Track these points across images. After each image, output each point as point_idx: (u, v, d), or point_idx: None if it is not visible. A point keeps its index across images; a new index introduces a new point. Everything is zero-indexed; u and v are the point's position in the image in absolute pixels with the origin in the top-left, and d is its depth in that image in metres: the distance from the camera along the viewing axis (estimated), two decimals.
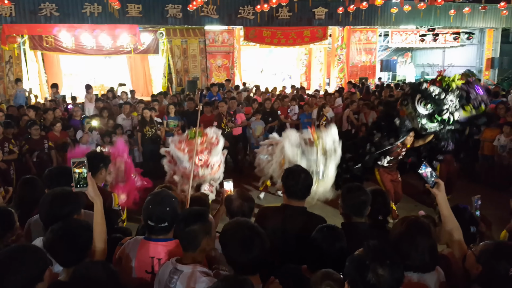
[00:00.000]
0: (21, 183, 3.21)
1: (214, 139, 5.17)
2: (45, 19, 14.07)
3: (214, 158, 5.15)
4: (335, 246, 2.26)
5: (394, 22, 17.08)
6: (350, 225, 2.64)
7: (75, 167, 2.19)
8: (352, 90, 12.07)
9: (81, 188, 2.22)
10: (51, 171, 2.96)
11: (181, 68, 16.33)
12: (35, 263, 1.78)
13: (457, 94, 4.67)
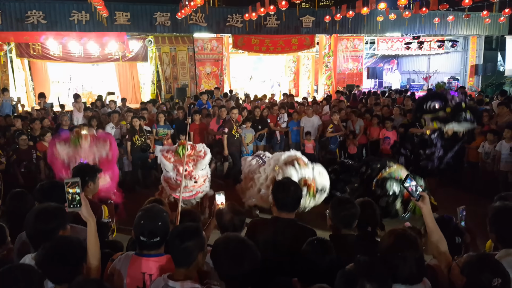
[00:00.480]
0: (10, 197, 3.18)
1: (202, 152, 5.20)
2: (32, 27, 13.98)
3: (199, 172, 5.19)
4: (325, 258, 2.29)
5: (380, 30, 17.37)
6: (338, 237, 2.68)
7: (68, 187, 2.20)
8: (341, 98, 12.21)
9: (75, 208, 2.23)
10: (42, 186, 2.94)
11: (170, 75, 16.33)
12: (30, 284, 1.78)
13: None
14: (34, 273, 1.84)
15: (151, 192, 7.07)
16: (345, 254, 2.39)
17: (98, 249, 2.28)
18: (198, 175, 5.20)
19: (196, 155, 5.21)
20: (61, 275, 1.99)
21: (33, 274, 1.83)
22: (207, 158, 5.29)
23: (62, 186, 2.24)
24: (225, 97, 12.58)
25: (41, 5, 14.01)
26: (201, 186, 5.33)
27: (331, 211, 2.76)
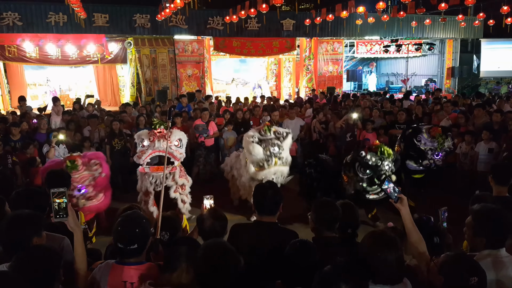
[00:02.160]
0: None
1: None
2: (8, 29, 13.63)
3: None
4: (308, 260, 2.29)
5: (359, 33, 17.63)
6: (321, 240, 2.70)
7: (55, 197, 2.16)
8: (324, 101, 12.31)
9: (61, 218, 2.20)
10: (18, 193, 2.85)
11: (150, 77, 16.15)
12: None
13: (392, 159, 5.13)
14: (18, 281, 1.78)
15: (131, 197, 6.99)
16: (328, 257, 2.41)
17: (85, 257, 2.27)
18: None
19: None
20: (37, 285, 1.93)
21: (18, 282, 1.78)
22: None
23: (38, 194, 2.19)
24: (207, 100, 12.52)
25: (17, 6, 13.67)
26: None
27: (314, 214, 2.77)
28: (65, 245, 2.51)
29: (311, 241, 2.55)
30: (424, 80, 20.98)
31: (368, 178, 5.06)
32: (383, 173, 5.03)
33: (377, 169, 5.03)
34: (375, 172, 5.03)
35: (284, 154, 5.70)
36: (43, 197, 2.73)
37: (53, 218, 2.19)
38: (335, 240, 2.74)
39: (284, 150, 5.68)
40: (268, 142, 5.61)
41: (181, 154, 5.24)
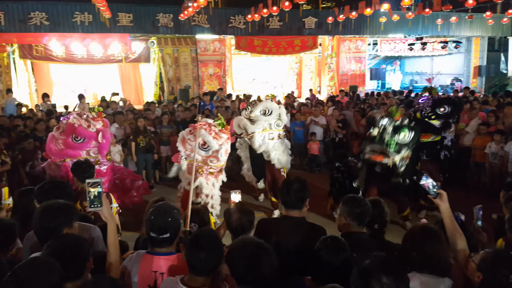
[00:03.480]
0: (19, 194, 3.16)
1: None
2: (35, 28, 13.99)
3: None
4: (340, 257, 2.26)
5: (383, 31, 17.34)
6: (351, 235, 2.66)
7: (90, 187, 2.19)
8: (345, 100, 12.18)
9: (95, 208, 2.23)
10: (43, 186, 2.89)
11: (172, 76, 16.33)
12: (53, 276, 1.77)
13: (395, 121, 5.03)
14: (55, 265, 1.81)
15: (156, 192, 7.09)
16: (359, 252, 2.37)
17: (117, 246, 2.29)
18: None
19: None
20: (66, 272, 1.95)
21: (54, 266, 1.80)
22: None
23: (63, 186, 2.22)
24: (228, 98, 12.58)
25: (44, 6, 14.02)
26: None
27: (345, 208, 2.74)
28: (96, 235, 2.55)
29: (341, 237, 2.51)
30: (449, 79, 20.50)
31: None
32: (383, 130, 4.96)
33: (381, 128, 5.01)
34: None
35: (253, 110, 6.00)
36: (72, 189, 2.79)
37: (87, 208, 2.22)
38: (364, 235, 2.71)
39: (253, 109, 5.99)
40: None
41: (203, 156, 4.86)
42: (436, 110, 5.93)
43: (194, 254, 1.99)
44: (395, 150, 4.90)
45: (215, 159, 4.73)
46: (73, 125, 5.07)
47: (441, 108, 5.91)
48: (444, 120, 5.93)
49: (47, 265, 1.79)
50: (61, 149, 5.08)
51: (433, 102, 6.04)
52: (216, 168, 4.80)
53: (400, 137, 4.88)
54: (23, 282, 1.69)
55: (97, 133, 5.15)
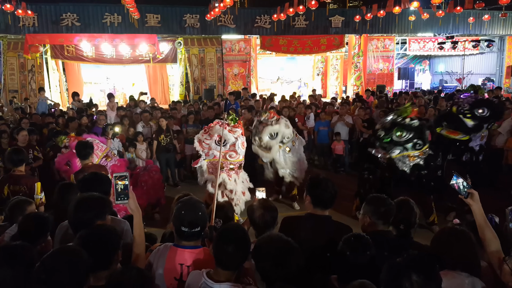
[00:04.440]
0: (59, 188, 3.29)
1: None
2: (67, 29, 14.46)
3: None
4: (364, 255, 2.25)
5: (412, 30, 16.99)
6: (377, 234, 2.61)
7: (117, 180, 2.24)
8: (371, 99, 11.99)
9: (122, 201, 2.28)
10: (85, 177, 3.00)
11: (198, 76, 16.51)
12: (80, 265, 1.82)
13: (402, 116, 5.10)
14: (84, 254, 1.86)
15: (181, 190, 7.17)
16: (385, 251, 2.33)
17: (143, 239, 2.35)
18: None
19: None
20: (95, 262, 1.99)
21: (83, 255, 1.85)
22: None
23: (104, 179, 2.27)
24: (253, 98, 12.59)
25: (75, 7, 14.48)
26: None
27: (370, 207, 2.69)
28: (125, 229, 2.61)
29: (365, 235, 2.48)
30: (481, 79, 19.84)
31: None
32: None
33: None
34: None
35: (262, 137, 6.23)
36: (109, 182, 2.87)
37: (115, 200, 2.27)
38: (390, 234, 2.66)
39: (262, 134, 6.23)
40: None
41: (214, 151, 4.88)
42: (474, 111, 5.60)
43: (222, 248, 2.01)
44: (386, 147, 5.08)
45: (233, 152, 4.77)
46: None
47: (479, 110, 5.57)
48: (478, 122, 5.59)
49: (74, 254, 1.84)
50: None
51: (474, 101, 5.72)
52: (236, 163, 4.82)
53: (396, 135, 4.98)
54: (51, 270, 1.74)
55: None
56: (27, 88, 15.07)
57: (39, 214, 2.85)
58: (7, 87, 14.88)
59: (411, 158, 5.12)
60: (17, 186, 4.04)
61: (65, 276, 1.74)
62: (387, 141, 5.09)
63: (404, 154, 5.11)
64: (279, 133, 6.27)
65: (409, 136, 5.01)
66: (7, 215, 3.10)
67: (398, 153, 5.11)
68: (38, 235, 2.62)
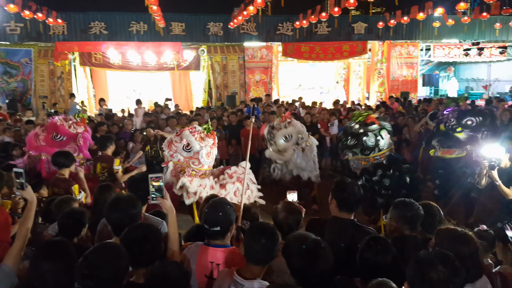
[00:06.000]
0: (99, 189, 3.49)
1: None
2: (95, 37, 14.91)
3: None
4: (384, 257, 2.27)
5: (437, 36, 16.74)
6: (403, 239, 2.62)
7: (152, 181, 2.36)
8: (395, 106, 11.88)
9: (157, 200, 2.39)
10: (134, 177, 3.15)
11: (220, 83, 16.71)
12: (120, 261, 1.92)
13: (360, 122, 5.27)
14: (122, 251, 1.96)
15: None
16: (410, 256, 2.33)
17: (177, 237, 2.45)
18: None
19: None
20: (142, 259, 2.09)
21: (121, 252, 1.95)
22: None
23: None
24: (275, 104, 12.67)
25: (103, 16, 14.94)
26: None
27: (396, 212, 2.70)
28: (162, 228, 2.73)
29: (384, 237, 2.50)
30: (508, 87, 19.33)
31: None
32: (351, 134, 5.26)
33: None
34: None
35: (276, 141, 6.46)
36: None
37: (150, 200, 2.38)
38: (416, 239, 2.66)
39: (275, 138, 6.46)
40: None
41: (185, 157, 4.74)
42: (462, 122, 5.45)
43: (253, 243, 2.08)
44: (341, 150, 5.42)
45: (196, 160, 4.64)
46: (56, 123, 5.41)
47: (468, 121, 5.41)
48: (471, 134, 5.41)
49: (115, 251, 1.95)
50: (41, 145, 5.34)
51: (458, 113, 5.57)
52: (198, 171, 4.69)
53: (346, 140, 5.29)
54: (94, 266, 1.84)
55: (76, 135, 5.43)
56: (56, 94, 15.60)
57: (75, 210, 3.01)
58: (38, 93, 15.43)
59: (362, 161, 5.26)
60: (56, 188, 4.27)
61: (106, 271, 1.84)
62: (343, 144, 5.35)
63: (356, 158, 5.28)
64: (293, 135, 6.45)
65: (353, 142, 5.19)
66: (53, 212, 3.27)
67: (351, 156, 5.30)
68: (75, 229, 2.76)
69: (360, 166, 5.31)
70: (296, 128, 6.55)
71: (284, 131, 6.46)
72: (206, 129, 4.73)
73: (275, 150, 6.56)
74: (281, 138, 6.41)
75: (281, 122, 6.65)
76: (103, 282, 1.84)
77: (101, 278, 1.83)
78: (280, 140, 6.41)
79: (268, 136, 6.65)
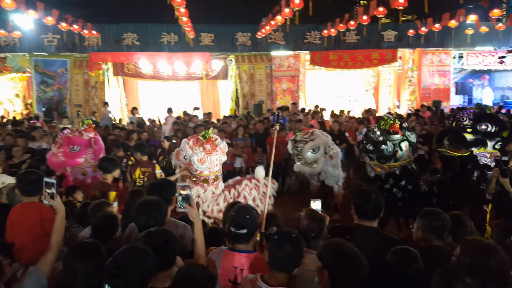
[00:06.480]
0: (130, 194, 3.64)
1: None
2: (127, 48, 15.42)
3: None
4: (411, 267, 2.24)
5: (470, 43, 16.30)
6: (430, 249, 2.56)
7: (180, 189, 2.43)
8: (427, 114, 11.61)
9: (184, 209, 2.47)
10: (153, 183, 3.28)
11: (248, 92, 16.84)
12: (148, 261, 1.98)
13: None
14: (147, 254, 2.02)
15: None
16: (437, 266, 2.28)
17: (203, 243, 2.51)
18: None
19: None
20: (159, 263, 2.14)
21: (148, 253, 2.02)
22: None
23: None
24: (302, 112, 12.65)
25: (136, 27, 15.46)
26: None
27: (422, 222, 2.65)
28: (187, 232, 2.81)
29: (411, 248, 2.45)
30: None
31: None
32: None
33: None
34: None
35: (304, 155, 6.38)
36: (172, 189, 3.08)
37: (177, 208, 2.45)
38: (444, 249, 2.59)
39: (303, 152, 6.36)
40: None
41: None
42: (477, 125, 5.25)
43: (277, 250, 2.09)
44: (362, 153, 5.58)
45: (193, 166, 4.71)
46: (69, 137, 5.66)
47: (482, 125, 5.21)
48: (480, 137, 5.24)
49: (143, 251, 2.01)
50: (61, 162, 5.59)
51: (476, 115, 5.35)
52: (199, 177, 4.72)
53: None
54: (122, 266, 1.91)
55: (89, 141, 5.72)
56: (89, 102, 16.16)
57: (108, 214, 3.13)
58: (72, 101, 16.05)
59: (377, 168, 5.42)
60: (97, 191, 4.57)
61: (134, 272, 1.90)
62: (364, 148, 5.56)
63: (372, 163, 5.47)
64: (320, 146, 6.37)
65: (372, 149, 5.39)
66: (89, 215, 3.42)
67: (368, 160, 5.53)
68: (108, 233, 2.87)
69: (375, 172, 5.44)
70: (321, 139, 6.46)
71: (312, 144, 6.38)
72: (203, 136, 4.80)
73: (304, 163, 6.48)
74: (309, 151, 6.35)
75: (304, 135, 6.56)
76: (130, 283, 1.89)
77: (129, 279, 1.88)
78: (308, 153, 6.35)
79: (294, 151, 6.58)
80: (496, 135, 5.22)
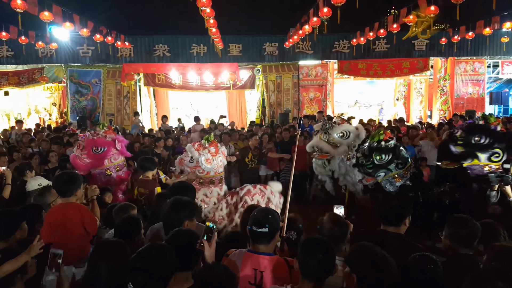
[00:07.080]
0: (157, 197, 3.83)
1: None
2: (158, 59, 15.84)
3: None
4: (429, 274, 2.16)
5: (505, 52, 15.76)
6: (458, 257, 2.46)
7: (208, 221, 2.48)
8: (459, 123, 11.23)
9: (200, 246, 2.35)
10: (174, 185, 3.46)
11: (274, 101, 16.89)
12: (169, 258, 2.03)
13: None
14: (170, 251, 2.06)
15: None
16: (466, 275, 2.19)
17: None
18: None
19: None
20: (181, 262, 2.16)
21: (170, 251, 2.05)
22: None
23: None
24: (329, 120, 12.51)
25: (167, 39, 15.87)
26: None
27: (450, 230, 2.56)
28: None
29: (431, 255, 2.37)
30: None
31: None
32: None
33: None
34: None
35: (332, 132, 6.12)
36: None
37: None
38: (473, 258, 2.48)
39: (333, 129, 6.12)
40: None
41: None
42: (471, 138, 5.08)
43: (308, 258, 2.06)
44: (371, 172, 5.33)
45: (199, 168, 4.95)
46: (92, 139, 5.83)
47: (476, 137, 5.04)
48: (469, 150, 5.06)
49: (165, 249, 2.06)
50: (86, 164, 5.72)
51: (468, 127, 5.23)
52: (205, 178, 4.99)
53: (376, 159, 5.26)
54: (146, 260, 1.96)
55: (113, 141, 5.92)
56: (121, 112, 16.66)
57: (131, 216, 3.21)
58: (105, 110, 16.58)
59: (396, 179, 5.28)
60: (142, 189, 4.90)
61: (157, 266, 1.94)
62: (370, 167, 5.31)
63: (389, 176, 5.28)
64: (352, 134, 6.03)
65: (388, 157, 5.20)
66: (113, 217, 3.55)
67: (383, 175, 5.28)
68: (131, 235, 2.94)
69: (395, 183, 5.27)
70: (357, 130, 6.12)
71: (346, 126, 6.14)
72: (206, 139, 5.13)
73: (325, 139, 6.10)
74: (338, 132, 6.02)
75: (341, 123, 6.33)
76: (153, 278, 1.92)
77: (152, 274, 1.92)
78: (335, 134, 6.01)
79: (323, 126, 6.27)
80: (490, 147, 5.06)
